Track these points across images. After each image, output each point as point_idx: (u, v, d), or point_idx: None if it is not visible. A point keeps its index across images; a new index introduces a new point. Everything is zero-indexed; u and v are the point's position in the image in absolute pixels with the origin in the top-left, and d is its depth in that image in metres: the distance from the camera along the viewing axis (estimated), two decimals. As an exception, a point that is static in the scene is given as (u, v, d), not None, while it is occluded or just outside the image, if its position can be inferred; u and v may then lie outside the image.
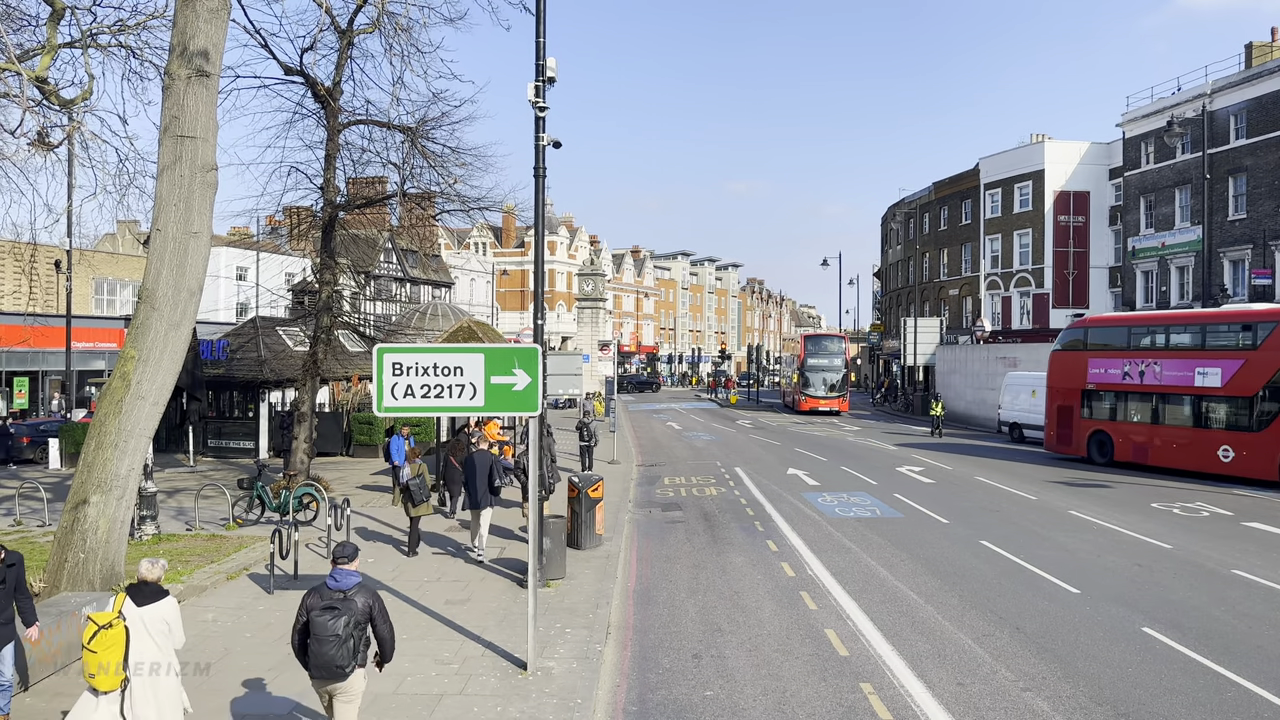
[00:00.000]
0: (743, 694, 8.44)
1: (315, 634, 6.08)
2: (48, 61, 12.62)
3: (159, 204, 10.67)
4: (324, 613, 6.10)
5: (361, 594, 6.30)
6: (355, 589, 6.29)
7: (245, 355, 25.84)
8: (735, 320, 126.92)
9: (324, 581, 6.33)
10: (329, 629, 6.06)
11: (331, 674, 6.15)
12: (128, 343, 10.67)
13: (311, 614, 6.14)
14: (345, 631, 6.09)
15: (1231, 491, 20.45)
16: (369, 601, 6.32)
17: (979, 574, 12.84)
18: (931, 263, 57.58)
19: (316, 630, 6.08)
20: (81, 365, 34.49)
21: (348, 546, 6.51)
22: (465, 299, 66.23)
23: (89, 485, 10.12)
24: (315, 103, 19.41)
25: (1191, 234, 37.87)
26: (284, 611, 10.69)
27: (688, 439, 34.44)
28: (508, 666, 8.89)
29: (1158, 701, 8.21)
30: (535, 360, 8.75)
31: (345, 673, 6.16)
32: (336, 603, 6.16)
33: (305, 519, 15.77)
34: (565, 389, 18.34)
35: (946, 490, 20.73)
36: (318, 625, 6.08)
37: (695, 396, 67.66)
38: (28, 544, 13.79)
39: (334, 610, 6.11)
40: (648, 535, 15.89)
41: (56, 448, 24.14)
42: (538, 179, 13.95)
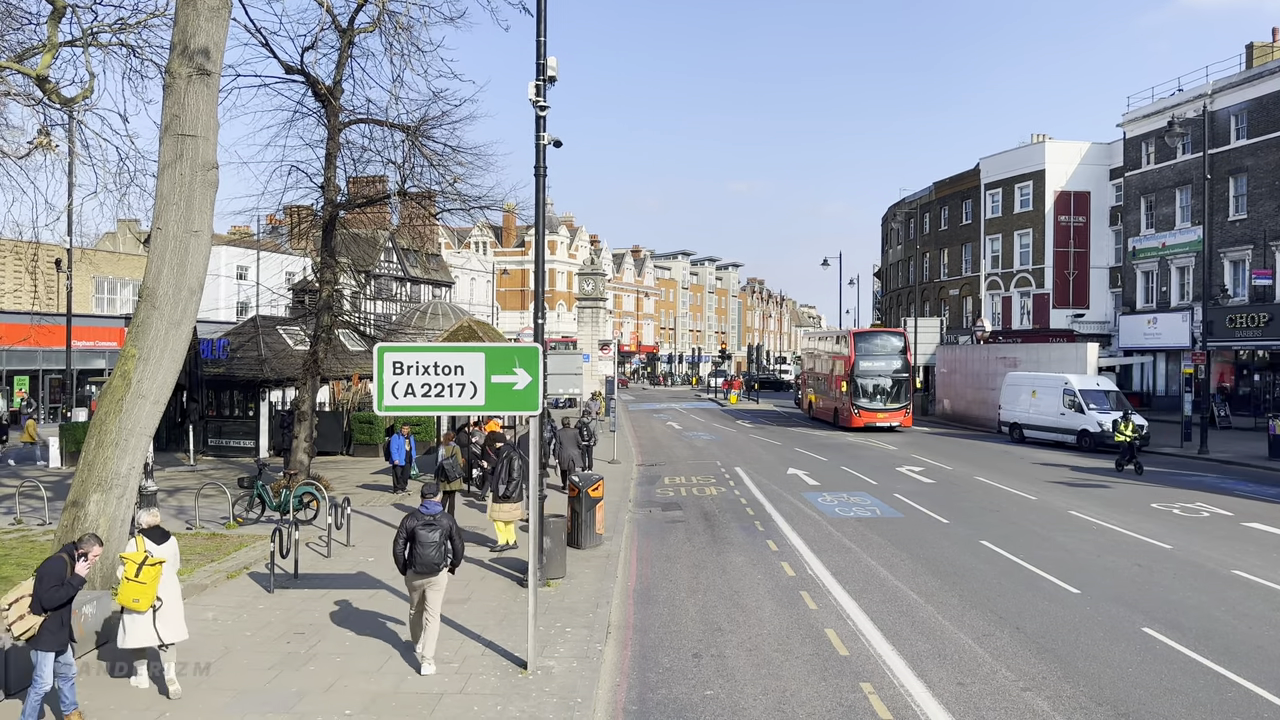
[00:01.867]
0: (743, 693, 8.44)
1: (420, 542, 8.62)
2: (48, 60, 12.62)
3: (160, 202, 10.67)
4: (424, 528, 8.68)
5: (445, 518, 8.87)
6: (441, 514, 8.84)
7: (245, 354, 25.83)
8: (735, 320, 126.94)
9: (418, 509, 8.87)
10: (429, 539, 8.64)
11: (431, 569, 8.68)
12: (128, 341, 10.67)
13: (415, 530, 8.65)
14: (440, 539, 8.70)
15: (1232, 491, 20.45)
16: (450, 523, 8.91)
17: (979, 574, 12.84)
18: (932, 263, 57.59)
19: (421, 539, 8.62)
20: (82, 364, 34.52)
21: (432, 486, 9.31)
22: (465, 298, 66.28)
23: (89, 484, 10.12)
24: (316, 101, 19.41)
25: (1192, 234, 37.85)
26: (284, 610, 10.70)
27: (688, 438, 34.44)
28: (508, 665, 8.89)
29: (1158, 701, 8.21)
30: (535, 359, 8.75)
31: (439, 568, 8.73)
32: (432, 521, 8.73)
33: (305, 518, 15.76)
34: (565, 388, 18.35)
35: (946, 490, 20.73)
36: (421, 536, 8.62)
37: (695, 396, 67.64)
38: (28, 543, 13.80)
39: (431, 526, 8.71)
40: (648, 535, 15.89)
41: (56, 447, 24.15)
42: (538, 178, 13.94)
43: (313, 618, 10.43)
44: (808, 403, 44.67)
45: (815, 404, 42.86)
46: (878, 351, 37.12)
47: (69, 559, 7.35)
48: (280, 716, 7.71)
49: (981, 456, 27.42)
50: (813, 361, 44.05)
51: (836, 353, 38.88)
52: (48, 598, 7.09)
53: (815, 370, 43.38)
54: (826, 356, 40.72)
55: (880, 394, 36.35)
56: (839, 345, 38.90)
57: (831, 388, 39.09)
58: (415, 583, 8.79)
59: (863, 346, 37.18)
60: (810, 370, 44.49)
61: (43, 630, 7.10)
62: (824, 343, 43.30)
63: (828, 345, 41.87)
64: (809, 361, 45.45)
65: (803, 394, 46.75)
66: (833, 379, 38.83)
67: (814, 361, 43.71)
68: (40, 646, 7.10)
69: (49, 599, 7.09)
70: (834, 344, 40.31)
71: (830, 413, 39.51)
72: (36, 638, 7.10)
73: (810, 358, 45.08)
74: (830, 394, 39.31)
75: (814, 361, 43.71)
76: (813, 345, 46.13)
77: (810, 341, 48.09)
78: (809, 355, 45.71)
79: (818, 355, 43.16)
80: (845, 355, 37.20)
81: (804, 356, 47.32)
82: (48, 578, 7.17)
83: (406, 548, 8.70)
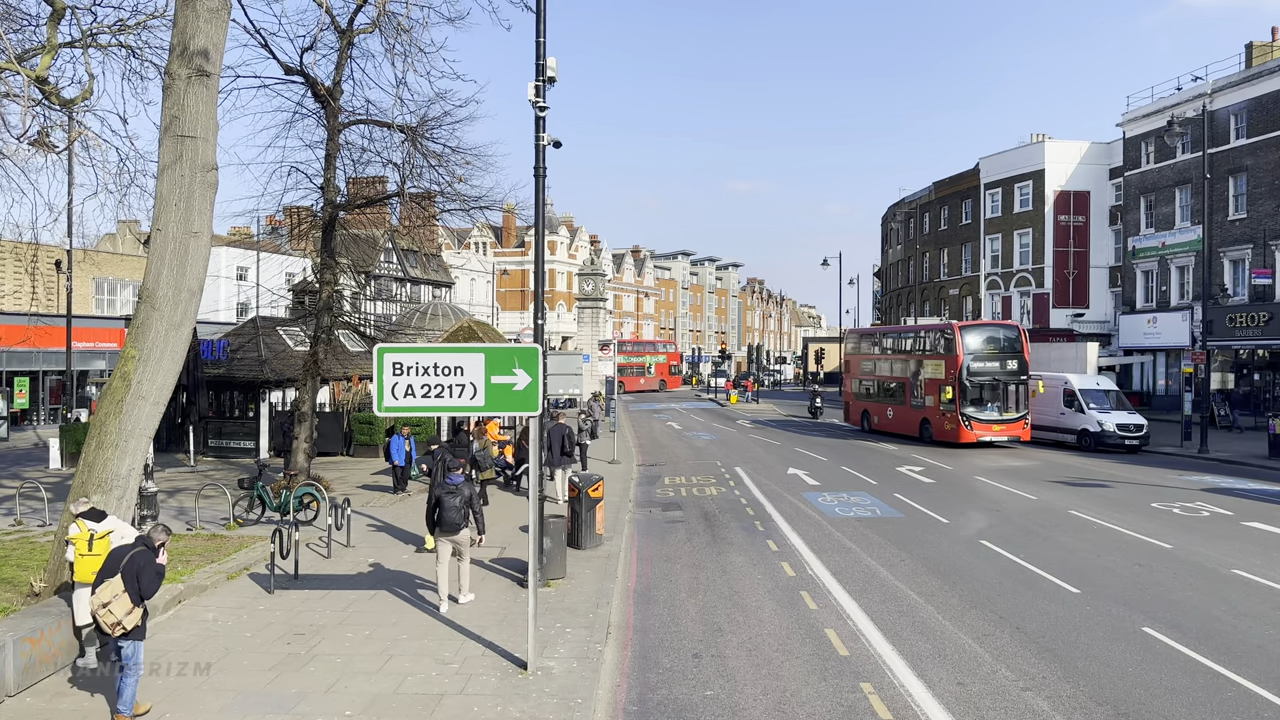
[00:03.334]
0: (743, 694, 8.44)
1: (444, 507, 10.75)
2: (48, 61, 12.62)
3: (159, 204, 10.67)
4: (448, 495, 10.78)
5: (466, 486, 10.94)
6: (462, 484, 10.92)
7: (245, 355, 25.83)
8: (735, 320, 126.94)
9: (444, 480, 11.00)
10: (452, 504, 10.76)
11: (453, 529, 10.78)
12: (128, 343, 10.67)
13: (441, 497, 10.79)
14: (460, 505, 10.80)
15: (1232, 491, 20.45)
16: (470, 491, 10.97)
17: (979, 574, 12.84)
18: (932, 262, 57.60)
19: (445, 505, 10.75)
20: (82, 365, 34.51)
21: (455, 462, 11.35)
22: (465, 299, 66.28)
23: (89, 485, 10.12)
24: (315, 102, 19.40)
25: (1191, 234, 37.86)
26: (285, 611, 10.70)
27: (688, 438, 34.44)
28: (508, 666, 8.89)
29: (1158, 701, 8.21)
30: (535, 360, 8.75)
31: (460, 528, 10.82)
32: (455, 490, 10.85)
33: (306, 519, 15.77)
34: (565, 389, 18.35)
35: (946, 490, 20.74)
36: (445, 502, 10.76)
37: (695, 396, 67.63)
38: (28, 544, 13.80)
39: (453, 494, 10.82)
40: (648, 535, 15.89)
41: (56, 448, 24.15)
42: (538, 178, 13.95)
43: (313, 618, 10.44)
44: (860, 412, 36.80)
45: (877, 413, 35.12)
46: (991, 349, 30.16)
47: (153, 552, 7.84)
48: (280, 717, 7.71)
49: (981, 456, 27.41)
50: (872, 363, 36.18)
51: (926, 351, 31.73)
52: (150, 588, 7.67)
53: (877, 373, 35.67)
54: (904, 356, 33.35)
55: (995, 401, 29.44)
56: (932, 342, 31.60)
57: (917, 394, 31.74)
58: (443, 540, 10.88)
59: (972, 343, 30.04)
60: (869, 373, 36.29)
61: (141, 620, 7.68)
62: (899, 340, 35.17)
63: (905, 342, 34.18)
64: (861, 363, 37.10)
65: (850, 401, 38.31)
66: (919, 384, 31.63)
67: (874, 363, 35.94)
68: (137, 637, 7.66)
69: (151, 589, 7.67)
70: (922, 340, 32.69)
71: (910, 424, 32.15)
72: (137, 628, 7.64)
73: (866, 359, 36.83)
74: (916, 401, 31.80)
75: (874, 363, 35.94)
76: (873, 343, 37.35)
77: (862, 341, 38.68)
78: (858, 355, 37.64)
79: (885, 355, 35.41)
80: (947, 354, 30.06)
81: (850, 359, 38.81)
82: (149, 570, 7.68)
83: (435, 512, 10.86)
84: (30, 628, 8.52)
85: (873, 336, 38.28)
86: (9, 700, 8.01)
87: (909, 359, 32.91)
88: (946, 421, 29.90)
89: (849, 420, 38.44)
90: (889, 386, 34.56)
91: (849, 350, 39.46)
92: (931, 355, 31.28)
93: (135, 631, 7.63)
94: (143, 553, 7.78)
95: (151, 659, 9.02)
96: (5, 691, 8.01)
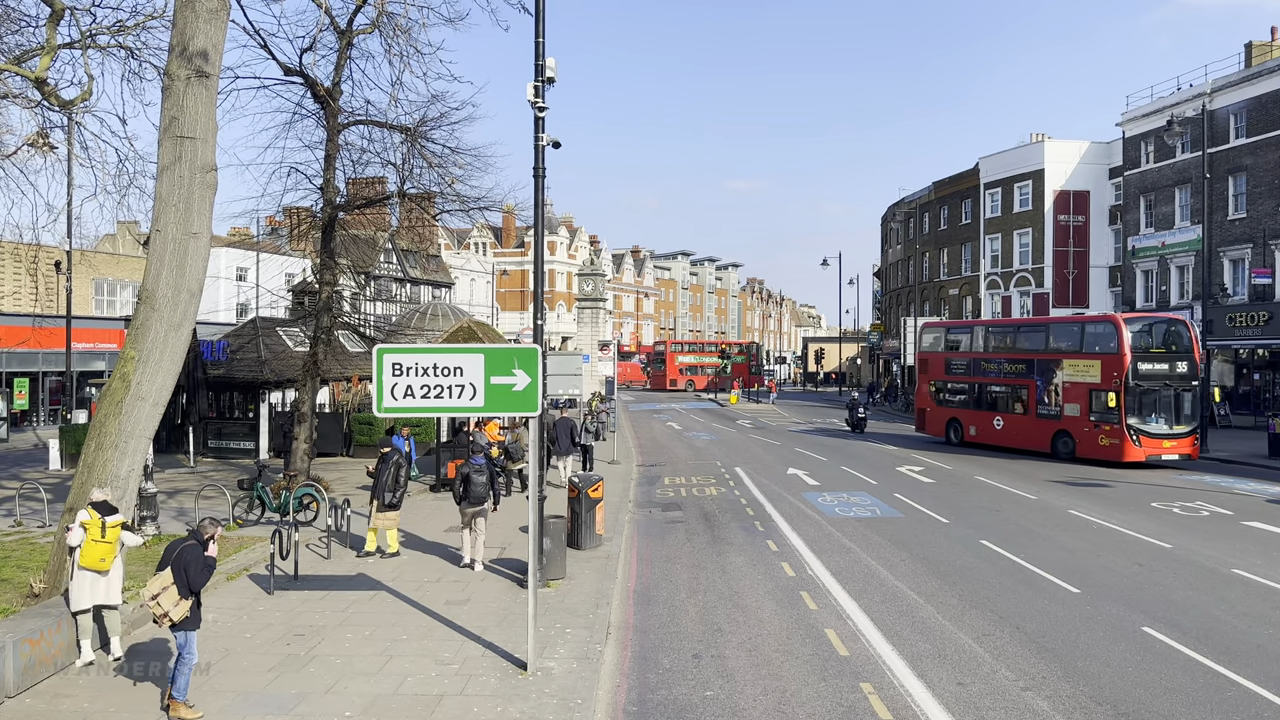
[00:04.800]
0: (743, 694, 8.44)
1: (471, 483, 12.70)
2: (47, 62, 12.61)
3: (158, 204, 10.67)
4: (475, 473, 12.80)
5: (488, 466, 13.05)
6: (484, 464, 12.95)
7: (245, 356, 25.84)
8: (735, 320, 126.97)
9: (470, 460, 13.04)
10: (478, 480, 12.77)
11: (479, 501, 12.71)
12: (128, 344, 10.67)
13: (469, 475, 12.76)
14: (484, 480, 12.82)
15: (1232, 490, 20.45)
16: (492, 470, 13.15)
17: (979, 573, 12.84)
18: (931, 262, 57.61)
19: (472, 481, 12.71)
20: (81, 366, 34.50)
21: (477, 446, 14.49)
22: (465, 299, 66.29)
23: (89, 486, 10.11)
24: (315, 103, 19.40)
25: (1191, 233, 37.88)
26: (284, 612, 10.70)
27: (688, 439, 34.44)
28: (508, 666, 8.89)
29: (1158, 701, 8.21)
30: (535, 360, 8.75)
31: (484, 500, 12.77)
32: (480, 469, 12.85)
33: (305, 519, 15.77)
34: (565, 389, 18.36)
35: (946, 490, 20.73)
36: (473, 478, 12.74)
37: (695, 396, 67.62)
38: (28, 544, 13.80)
39: (479, 472, 12.80)
40: (648, 535, 15.90)
41: (56, 448, 24.15)
42: (537, 179, 13.94)
43: (313, 619, 10.44)
44: (944, 421, 30.95)
45: (974, 423, 29.44)
46: (1161, 347, 25.03)
47: (202, 544, 7.97)
48: (280, 718, 7.71)
49: (981, 456, 27.41)
50: (968, 363, 30.10)
51: (1066, 349, 26.12)
52: (198, 580, 7.82)
53: (977, 374, 29.55)
54: (1026, 355, 27.43)
55: (1164, 411, 24.37)
56: (1078, 337, 25.96)
57: (1049, 400, 26.21)
58: (467, 510, 12.80)
59: (1139, 339, 24.60)
60: (961, 374, 30.42)
61: (192, 611, 7.82)
62: (1017, 335, 29.30)
63: (1028, 338, 28.33)
64: (950, 362, 31.13)
65: (928, 408, 32.11)
66: (1053, 388, 26.11)
67: (972, 363, 29.84)
68: (189, 627, 7.82)
69: (198, 581, 7.82)
70: (1059, 336, 26.88)
71: (1035, 436, 26.71)
72: (188, 619, 7.81)
73: (957, 357, 30.86)
74: (1046, 409, 26.27)
75: (972, 363, 29.84)
76: (969, 338, 31.03)
77: (950, 336, 32.35)
78: (943, 353, 31.63)
79: (992, 354, 29.09)
80: (1104, 353, 24.67)
81: (928, 358, 32.51)
82: (196, 563, 7.82)
83: (462, 487, 12.75)
84: (30, 629, 8.52)
85: (968, 331, 32.06)
86: (9, 701, 8.00)
87: (1034, 358, 26.94)
88: (1102, 435, 24.48)
89: (925, 430, 32.26)
90: (996, 391, 28.59)
91: (926, 347, 32.99)
92: (1076, 354, 25.62)
93: (186, 622, 7.82)
94: (192, 546, 7.94)
95: (152, 659, 9.03)
96: (5, 693, 8.01)
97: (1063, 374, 25.94)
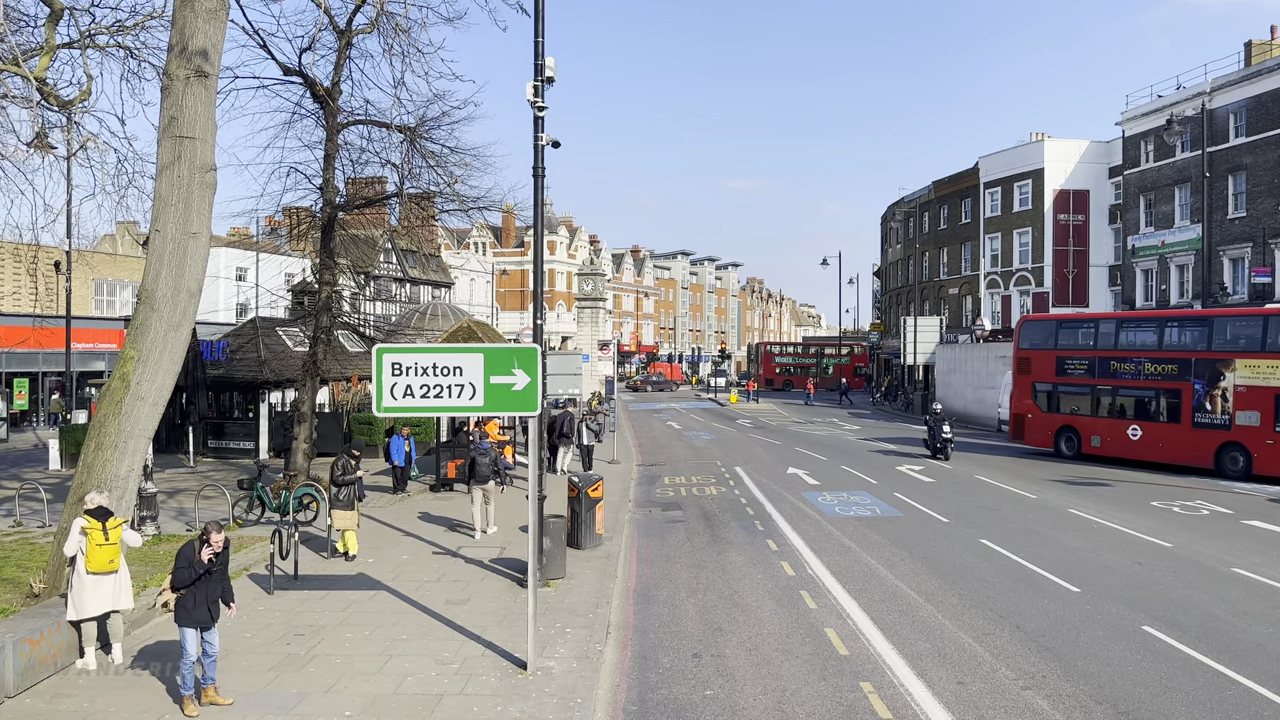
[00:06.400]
0: (743, 693, 8.44)
1: (477, 465, 14.89)
2: (46, 62, 12.60)
3: (158, 204, 10.66)
4: (480, 456, 14.96)
5: (493, 450, 15.41)
6: (490, 448, 15.31)
7: (245, 356, 25.83)
8: (735, 320, 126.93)
9: (478, 445, 15.37)
10: (484, 462, 14.92)
11: (484, 480, 14.95)
12: (127, 344, 10.66)
13: (475, 458, 14.97)
14: (490, 463, 15.01)
15: (1232, 490, 20.44)
16: (495, 453, 15.47)
17: (979, 573, 12.84)
18: (931, 262, 57.59)
19: (478, 463, 14.91)
20: (81, 366, 34.49)
21: (481, 431, 18.00)
22: (465, 299, 66.25)
23: (89, 486, 10.11)
24: (314, 103, 19.39)
25: (1191, 232, 37.88)
26: (284, 612, 10.70)
27: (688, 438, 34.43)
28: (508, 666, 8.89)
29: (1158, 700, 8.21)
30: (535, 360, 8.74)
31: (489, 479, 15.01)
32: (485, 452, 15.08)
33: (305, 519, 15.76)
34: (565, 388, 18.38)
35: (946, 489, 20.73)
36: (479, 460, 14.93)
37: (695, 396, 67.63)
38: (28, 544, 13.79)
39: (484, 454, 15.01)
40: (648, 535, 15.89)
41: (56, 449, 24.14)
42: (537, 179, 13.94)
43: (313, 619, 10.43)
44: (1055, 429, 26.70)
45: (1101, 432, 25.52)
46: None
47: (198, 545, 8.12)
48: (280, 717, 7.71)
49: (981, 455, 27.41)
50: (1091, 363, 25.95)
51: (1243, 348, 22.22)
52: (176, 578, 8.07)
53: (1103, 376, 25.60)
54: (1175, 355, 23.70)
55: None
56: (1257, 333, 22.09)
57: (1212, 408, 22.61)
58: (475, 489, 15.02)
59: None
60: (1081, 377, 26.31)
61: (178, 606, 8.03)
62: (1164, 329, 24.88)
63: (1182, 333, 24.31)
64: (1063, 363, 26.83)
65: (1030, 414, 27.68)
66: (1218, 394, 22.53)
67: (1097, 363, 25.77)
68: (179, 621, 8.01)
69: (177, 579, 8.06)
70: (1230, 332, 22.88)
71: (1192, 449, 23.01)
72: (175, 614, 8.06)
73: (1074, 356, 26.59)
74: (1208, 418, 22.66)
75: (1097, 363, 25.77)
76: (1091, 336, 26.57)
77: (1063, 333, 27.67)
78: (1053, 351, 27.24)
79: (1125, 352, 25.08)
80: None
81: (1031, 356, 28.04)
82: (179, 560, 8.09)
83: (470, 468, 15.03)
84: (30, 629, 8.52)
85: (1090, 325, 27.29)
86: (9, 701, 8.00)
87: (1192, 357, 23.19)
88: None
89: (1024, 440, 28.04)
90: (1134, 395, 24.83)
91: (1031, 345, 28.21)
92: (1256, 353, 21.83)
93: (175, 616, 8.04)
94: (187, 544, 8.16)
95: (152, 660, 9.03)
96: (5, 693, 8.01)
97: (1235, 376, 22.17)
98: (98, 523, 8.89)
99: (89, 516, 8.96)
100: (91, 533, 8.86)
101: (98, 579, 8.84)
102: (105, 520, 8.98)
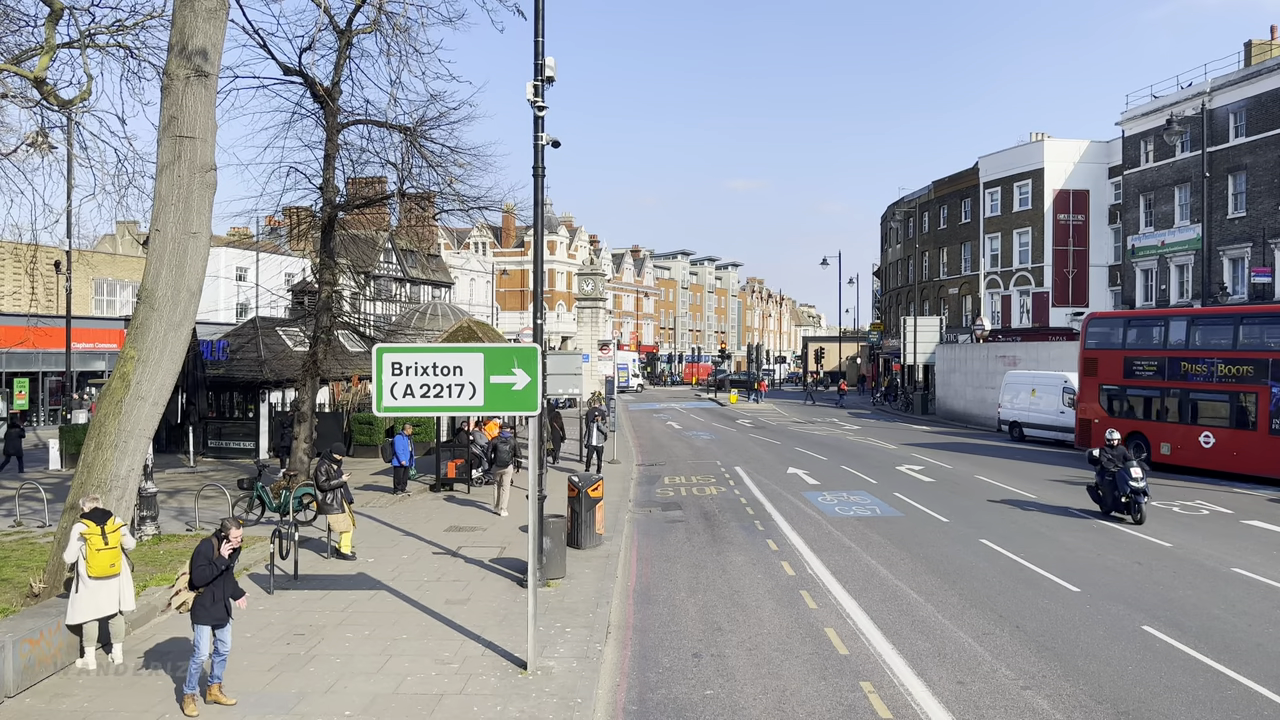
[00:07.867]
0: (743, 693, 8.44)
1: (499, 451, 17.41)
2: (46, 62, 12.60)
3: (158, 204, 10.66)
4: (501, 444, 17.43)
5: (511, 439, 17.99)
6: (510, 438, 17.82)
7: (245, 355, 25.83)
8: (735, 320, 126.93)
9: (501, 434, 18.23)
10: (504, 449, 17.34)
11: (504, 464, 17.20)
12: (127, 343, 10.66)
13: (496, 445, 17.58)
14: (511, 448, 17.54)
15: (1231, 489, 20.44)
16: (515, 442, 18.24)
17: (979, 572, 12.84)
18: (931, 262, 57.59)
19: (499, 449, 17.44)
20: (81, 366, 34.48)
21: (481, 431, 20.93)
22: (465, 299, 66.24)
23: (89, 486, 10.12)
24: (314, 103, 19.40)
25: (1191, 232, 37.88)
26: (284, 612, 10.70)
27: (688, 438, 34.42)
28: (508, 666, 8.89)
29: (1158, 700, 8.21)
30: (534, 359, 8.75)
31: (508, 464, 17.33)
32: (506, 440, 17.55)
33: (305, 519, 15.75)
34: (565, 388, 18.40)
35: (946, 489, 20.72)
36: (500, 447, 17.45)
37: (695, 396, 67.65)
38: (28, 544, 13.79)
39: (505, 442, 17.46)
40: (648, 535, 15.89)
41: (56, 448, 24.14)
42: (537, 178, 13.94)
43: (312, 619, 10.43)
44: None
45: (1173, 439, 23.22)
46: None
47: (216, 542, 8.10)
48: (280, 717, 7.71)
49: (981, 455, 27.41)
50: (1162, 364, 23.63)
51: None
52: (197, 575, 7.96)
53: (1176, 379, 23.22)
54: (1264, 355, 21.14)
55: None
56: None
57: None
58: (497, 471, 17.31)
59: None
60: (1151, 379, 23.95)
61: (196, 604, 7.98)
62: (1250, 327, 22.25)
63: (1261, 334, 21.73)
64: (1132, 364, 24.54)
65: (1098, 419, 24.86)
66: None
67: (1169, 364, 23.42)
68: (196, 620, 7.97)
69: (198, 577, 7.96)
70: None
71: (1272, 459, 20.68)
72: (192, 612, 7.99)
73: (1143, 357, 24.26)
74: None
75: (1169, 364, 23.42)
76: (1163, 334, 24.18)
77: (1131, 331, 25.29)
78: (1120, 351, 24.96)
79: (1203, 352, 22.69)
80: None
81: (1098, 356, 25.65)
82: (198, 558, 8.00)
83: (493, 454, 17.78)
84: (30, 629, 8.52)
85: (1160, 323, 24.91)
86: (8, 701, 8.00)
87: (1268, 357, 21.08)
88: None
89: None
90: (1205, 399, 22.67)
91: (1097, 345, 25.82)
92: None
93: (193, 614, 8.00)
94: (205, 542, 8.13)
95: (152, 660, 9.03)
96: (5, 692, 8.01)
97: None
98: (96, 526, 8.87)
99: (87, 520, 8.94)
100: (91, 538, 8.83)
101: (100, 584, 8.84)
102: (103, 523, 8.96)
